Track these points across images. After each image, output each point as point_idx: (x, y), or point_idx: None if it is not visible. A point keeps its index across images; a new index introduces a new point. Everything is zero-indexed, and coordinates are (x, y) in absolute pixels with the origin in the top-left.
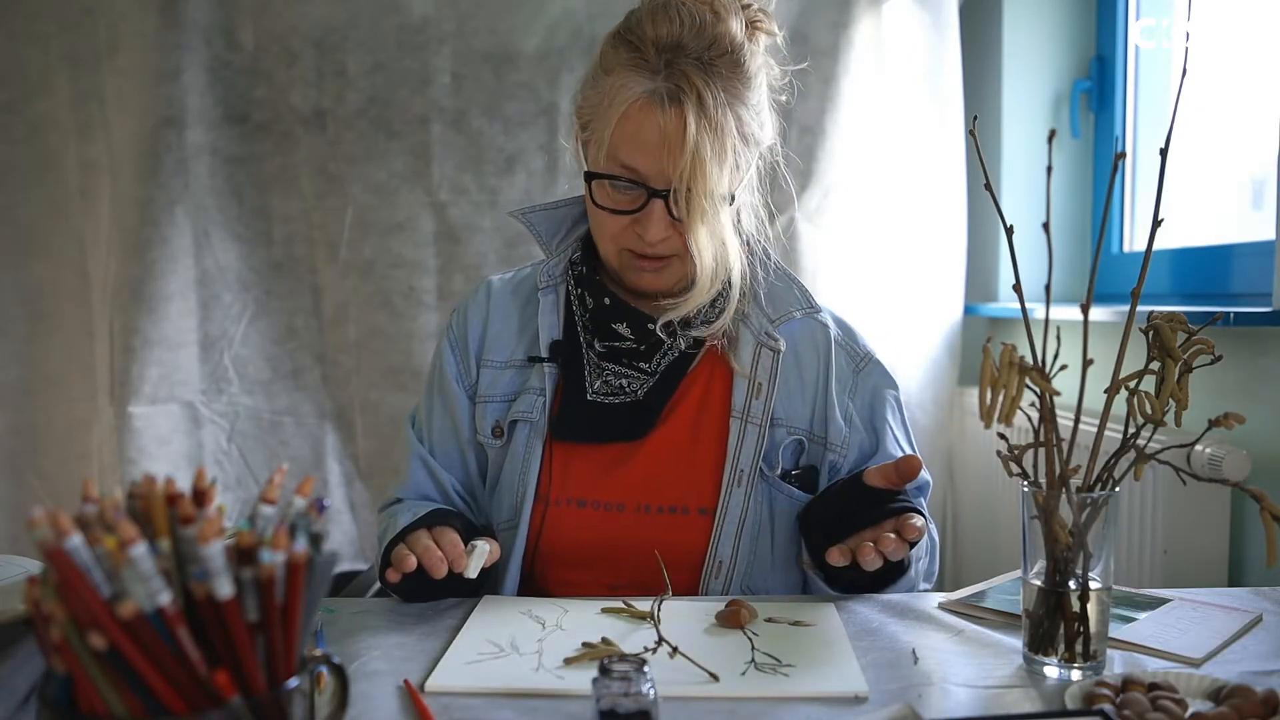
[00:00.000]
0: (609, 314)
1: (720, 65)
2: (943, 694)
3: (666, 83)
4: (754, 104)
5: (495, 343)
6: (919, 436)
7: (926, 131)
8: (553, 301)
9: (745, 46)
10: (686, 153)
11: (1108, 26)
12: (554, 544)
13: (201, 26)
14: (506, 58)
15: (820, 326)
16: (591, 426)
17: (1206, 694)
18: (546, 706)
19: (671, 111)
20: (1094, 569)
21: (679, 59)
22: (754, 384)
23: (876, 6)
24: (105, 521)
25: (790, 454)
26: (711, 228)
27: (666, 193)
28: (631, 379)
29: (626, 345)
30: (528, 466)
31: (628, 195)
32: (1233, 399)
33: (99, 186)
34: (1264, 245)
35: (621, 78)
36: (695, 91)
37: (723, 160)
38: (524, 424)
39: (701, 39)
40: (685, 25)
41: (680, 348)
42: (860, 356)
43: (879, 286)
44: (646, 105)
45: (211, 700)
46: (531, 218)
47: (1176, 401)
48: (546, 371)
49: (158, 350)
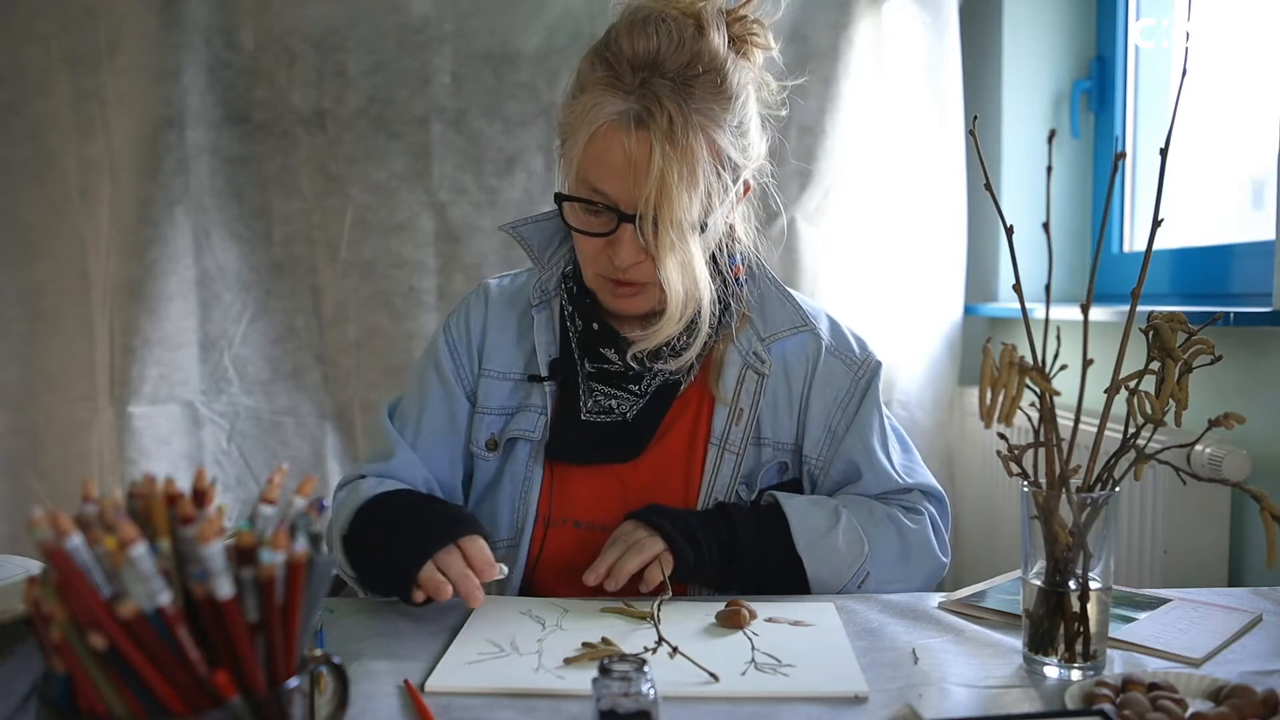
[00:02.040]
0: (597, 339)
1: (697, 86)
2: (943, 694)
3: (637, 104)
4: (735, 125)
5: (494, 351)
6: (919, 437)
7: (926, 131)
8: (547, 318)
9: (729, 63)
10: (651, 180)
11: (1108, 26)
12: (551, 563)
13: (201, 26)
14: (506, 58)
15: (812, 338)
16: (585, 447)
17: (1206, 694)
18: (546, 706)
19: (638, 135)
20: (1094, 569)
21: (653, 79)
22: (735, 409)
23: (876, 6)
24: (105, 521)
25: (775, 472)
26: (681, 257)
27: (635, 218)
28: (621, 400)
29: (615, 368)
30: (529, 486)
31: (599, 219)
32: (1233, 399)
33: (99, 186)
34: (1264, 245)
35: (595, 97)
36: (666, 115)
37: (693, 188)
38: (525, 443)
39: (680, 56)
40: (663, 41)
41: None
42: (859, 363)
43: (879, 286)
44: (613, 127)
45: (211, 700)
46: (522, 231)
47: (1176, 401)
48: (547, 391)
49: (158, 350)
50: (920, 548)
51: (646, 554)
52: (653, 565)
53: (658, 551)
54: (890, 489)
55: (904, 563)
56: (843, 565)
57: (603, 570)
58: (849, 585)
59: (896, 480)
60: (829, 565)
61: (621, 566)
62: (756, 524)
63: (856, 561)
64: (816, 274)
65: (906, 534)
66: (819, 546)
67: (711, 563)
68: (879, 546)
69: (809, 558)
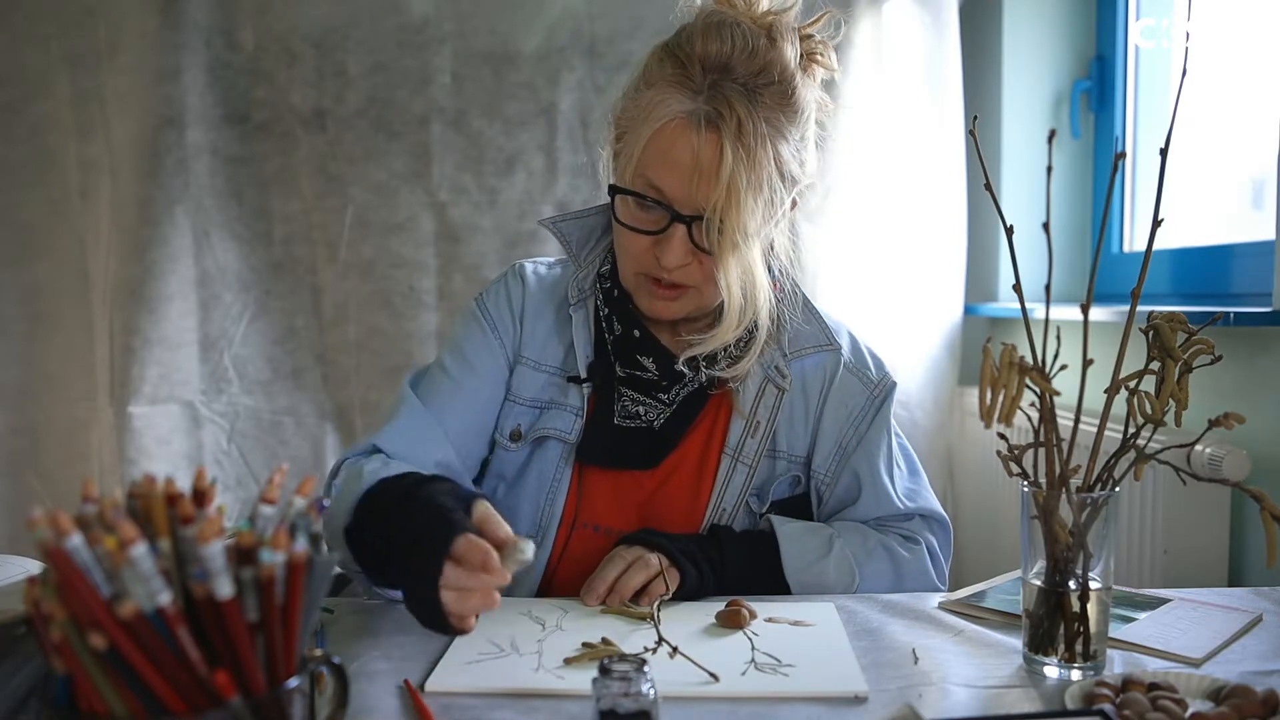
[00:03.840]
0: (637, 346)
1: (767, 95)
2: (943, 694)
3: (707, 105)
4: (798, 139)
5: (530, 339)
6: (919, 437)
7: (926, 131)
8: (584, 318)
9: (797, 78)
10: (722, 182)
11: (1108, 26)
12: (571, 566)
13: (201, 26)
14: (506, 58)
15: (832, 355)
16: (614, 451)
17: (1206, 694)
18: (546, 706)
19: (708, 135)
20: (1094, 569)
21: (724, 81)
22: (752, 422)
23: (876, 6)
24: (105, 521)
25: (787, 485)
26: (742, 263)
27: (690, 219)
28: (649, 407)
29: (647, 376)
30: (558, 487)
31: (651, 215)
32: (1233, 399)
33: (99, 186)
34: (1264, 245)
35: (662, 93)
36: (736, 118)
37: (758, 194)
38: (558, 443)
39: (752, 64)
40: (737, 47)
41: (701, 382)
42: (875, 383)
43: (879, 286)
44: (683, 125)
45: (211, 700)
46: (562, 227)
47: (1176, 401)
48: (584, 393)
49: (158, 350)
50: (914, 578)
51: (651, 570)
52: (656, 580)
53: (660, 569)
54: (890, 513)
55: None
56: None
57: (602, 590)
58: None
59: (896, 504)
60: (819, 593)
61: (625, 582)
62: (749, 549)
63: (847, 591)
64: (816, 274)
65: (900, 564)
66: (808, 574)
67: (707, 585)
68: (870, 576)
69: (797, 587)
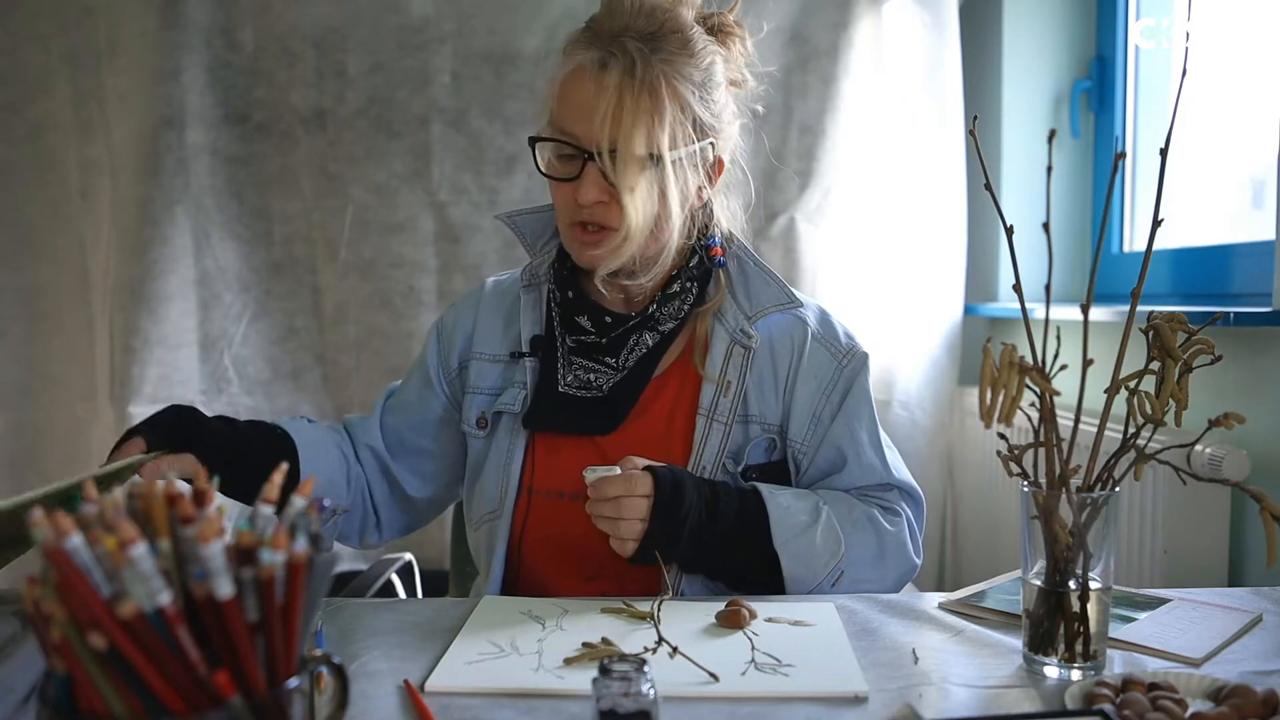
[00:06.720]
0: (573, 308)
1: (663, 41)
2: (943, 694)
3: (602, 50)
4: (699, 81)
5: (483, 337)
6: (919, 437)
7: (926, 131)
8: (534, 299)
9: (696, 30)
10: (616, 111)
11: (1108, 26)
12: (536, 534)
13: (201, 26)
14: (506, 58)
15: (798, 323)
16: (563, 418)
17: (1206, 694)
18: (546, 706)
19: (601, 75)
20: (1094, 569)
21: (623, 36)
22: (723, 383)
23: (876, 6)
24: (105, 521)
25: (763, 449)
26: (644, 191)
27: (599, 155)
28: (599, 373)
29: (590, 339)
30: (511, 457)
31: (569, 165)
32: (1233, 399)
33: (99, 187)
34: (1264, 245)
35: (569, 55)
36: (629, 57)
37: (655, 126)
38: (508, 415)
39: (651, 22)
40: (633, 10)
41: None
42: (844, 352)
43: (879, 286)
44: (581, 71)
45: (211, 700)
46: (516, 220)
47: (1176, 401)
48: (528, 366)
49: (158, 350)
50: (896, 550)
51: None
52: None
53: (646, 492)
54: (874, 482)
55: (878, 564)
56: (818, 563)
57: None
58: (823, 583)
59: (881, 474)
60: (804, 562)
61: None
62: (739, 511)
63: (832, 560)
64: (816, 274)
65: (884, 536)
66: (797, 543)
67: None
68: (855, 546)
69: (786, 554)
